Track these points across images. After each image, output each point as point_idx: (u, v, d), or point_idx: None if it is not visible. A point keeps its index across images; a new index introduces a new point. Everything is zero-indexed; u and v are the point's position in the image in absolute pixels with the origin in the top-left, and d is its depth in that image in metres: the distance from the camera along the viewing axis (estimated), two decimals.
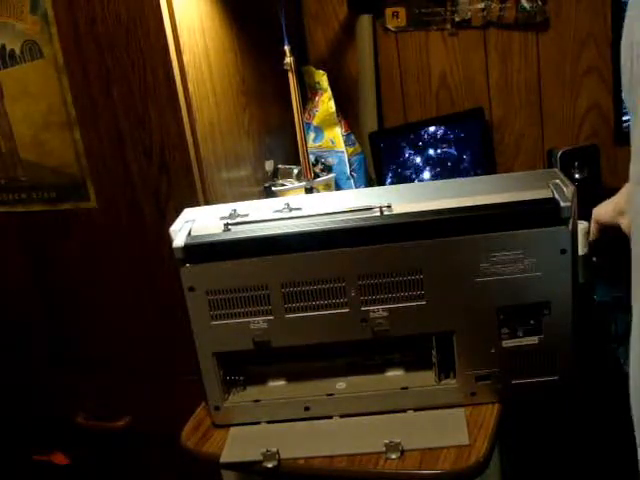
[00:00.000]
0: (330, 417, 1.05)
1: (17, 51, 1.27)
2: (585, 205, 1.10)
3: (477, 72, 1.69)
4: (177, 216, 1.08)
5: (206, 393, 1.06)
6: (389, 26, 1.70)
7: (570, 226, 0.94)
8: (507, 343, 1.00)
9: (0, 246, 1.45)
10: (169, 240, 1.01)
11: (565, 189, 0.97)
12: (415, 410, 1.03)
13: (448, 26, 1.66)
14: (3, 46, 1.27)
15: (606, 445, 1.30)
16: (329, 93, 1.67)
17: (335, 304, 0.99)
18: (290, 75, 1.42)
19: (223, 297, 1.00)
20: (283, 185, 1.52)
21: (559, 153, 1.57)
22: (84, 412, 1.51)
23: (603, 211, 1.10)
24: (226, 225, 1.01)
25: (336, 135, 1.66)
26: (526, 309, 0.98)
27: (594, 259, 1.37)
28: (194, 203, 1.26)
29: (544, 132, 1.69)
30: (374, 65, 1.72)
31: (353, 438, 1.00)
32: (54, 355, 1.51)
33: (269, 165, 1.55)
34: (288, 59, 1.41)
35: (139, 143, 1.27)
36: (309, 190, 1.49)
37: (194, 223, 1.03)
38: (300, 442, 1.01)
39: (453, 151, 1.68)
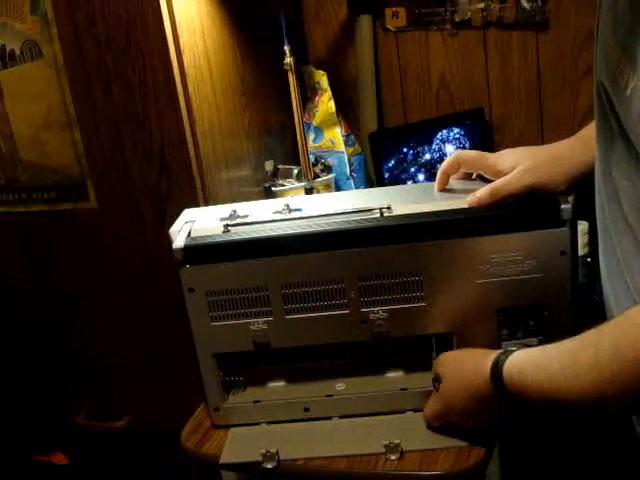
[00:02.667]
0: (330, 418, 1.05)
1: (17, 51, 1.27)
2: (585, 206, 1.10)
3: (477, 72, 1.69)
4: (177, 216, 1.08)
5: (205, 394, 1.06)
6: (389, 26, 1.70)
7: (570, 227, 0.94)
8: (507, 344, 1.00)
9: (0, 246, 1.45)
10: (169, 241, 1.01)
11: None
12: (415, 411, 1.03)
13: (448, 26, 1.66)
14: (3, 46, 1.27)
15: (605, 445, 1.30)
16: (329, 93, 1.67)
17: (335, 305, 0.99)
18: (290, 75, 1.42)
19: (223, 298, 1.00)
20: (283, 185, 1.52)
21: None
22: (84, 412, 1.51)
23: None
24: (226, 226, 1.01)
25: (336, 135, 1.66)
26: (526, 310, 0.98)
27: (588, 260, 1.37)
28: (194, 203, 1.26)
29: (544, 132, 1.69)
30: (374, 65, 1.72)
31: (352, 439, 1.00)
32: (54, 355, 1.51)
33: (269, 165, 1.55)
34: (288, 59, 1.41)
35: (139, 143, 1.27)
36: (309, 190, 1.49)
37: (194, 224, 1.03)
38: (300, 443, 1.01)
39: (453, 151, 1.68)
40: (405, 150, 1.66)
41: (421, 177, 1.68)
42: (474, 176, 1.06)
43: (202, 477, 1.29)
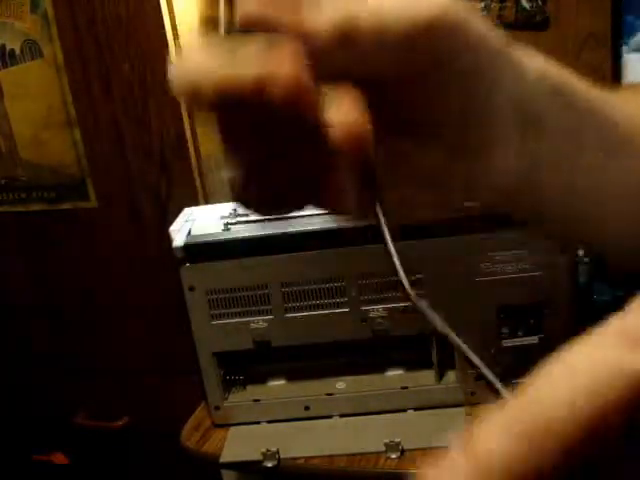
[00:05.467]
0: (330, 417, 1.05)
1: (17, 51, 1.27)
2: None
3: None
4: (177, 216, 1.08)
5: (206, 393, 1.06)
6: None
7: None
8: (507, 342, 1.00)
9: (0, 246, 1.45)
10: (169, 240, 1.01)
11: None
12: (415, 409, 1.03)
13: None
14: (3, 46, 1.27)
15: None
16: None
17: (335, 304, 0.99)
18: None
19: (223, 297, 1.00)
20: None
21: None
22: (84, 412, 1.51)
23: None
24: (226, 225, 1.00)
25: None
26: (526, 308, 0.98)
27: (586, 260, 1.36)
28: (194, 203, 1.26)
29: None
30: None
31: (353, 438, 1.00)
32: (54, 355, 1.51)
33: None
34: None
35: (139, 143, 1.27)
36: None
37: (194, 222, 1.03)
38: (300, 442, 1.01)
39: None
40: None
41: None
42: None
43: (202, 477, 1.29)
